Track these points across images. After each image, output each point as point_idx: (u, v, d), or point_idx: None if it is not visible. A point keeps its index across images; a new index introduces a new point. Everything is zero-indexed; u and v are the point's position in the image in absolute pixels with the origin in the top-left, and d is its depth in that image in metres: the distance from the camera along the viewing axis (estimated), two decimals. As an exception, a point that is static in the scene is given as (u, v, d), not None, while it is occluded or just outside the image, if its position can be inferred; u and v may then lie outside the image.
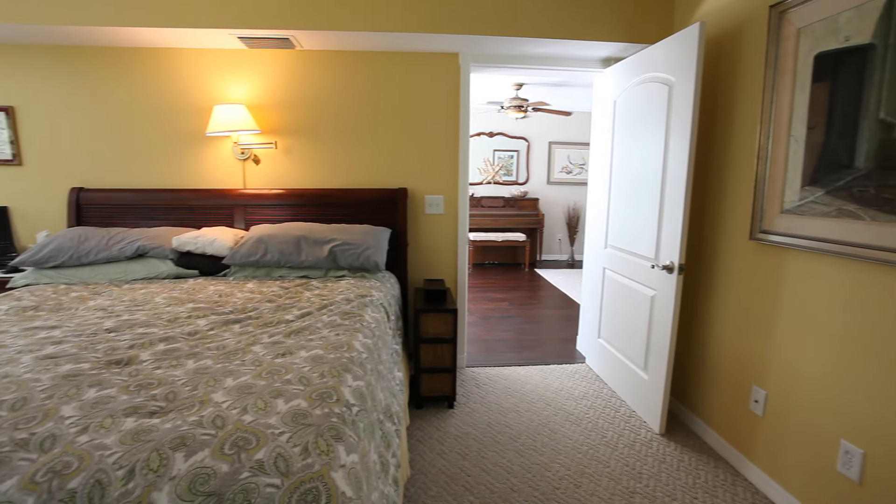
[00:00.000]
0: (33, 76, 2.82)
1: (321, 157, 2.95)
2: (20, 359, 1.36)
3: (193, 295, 2.09)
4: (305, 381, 1.24)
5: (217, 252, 2.45)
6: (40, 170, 2.90)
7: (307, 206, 2.87)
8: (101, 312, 1.85)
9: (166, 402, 1.14)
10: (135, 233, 2.54)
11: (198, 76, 2.85)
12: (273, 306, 1.91)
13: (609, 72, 2.88)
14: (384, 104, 2.92)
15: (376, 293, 2.16)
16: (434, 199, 3.00)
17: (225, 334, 1.59)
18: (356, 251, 2.45)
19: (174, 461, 0.93)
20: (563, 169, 7.24)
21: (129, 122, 2.87)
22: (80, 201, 2.83)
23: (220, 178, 2.94)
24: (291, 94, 2.89)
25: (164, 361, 1.36)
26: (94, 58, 2.81)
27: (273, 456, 0.96)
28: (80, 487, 0.88)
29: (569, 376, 3.05)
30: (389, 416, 1.56)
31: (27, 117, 2.86)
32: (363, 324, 1.73)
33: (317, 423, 1.06)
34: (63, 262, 2.41)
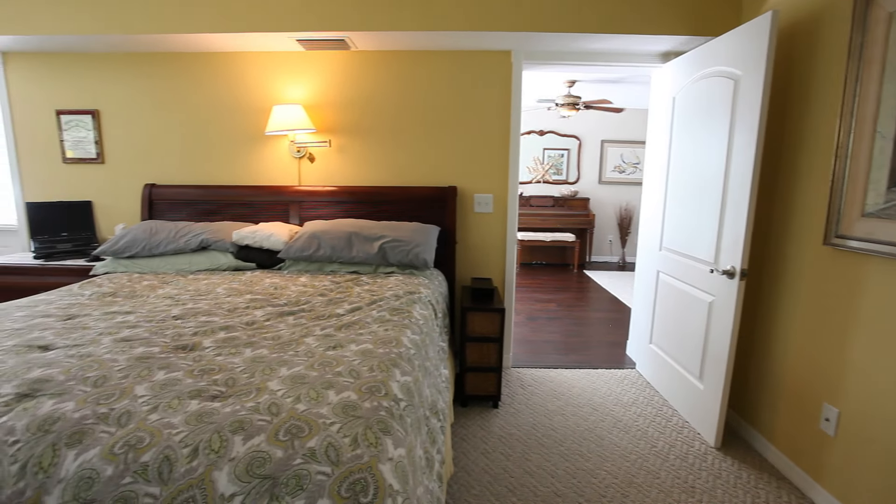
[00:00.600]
0: (115, 82, 3.05)
1: (373, 156, 3.01)
2: (101, 340, 1.48)
3: (251, 287, 2.20)
4: (355, 374, 1.27)
5: (273, 246, 2.56)
6: (119, 167, 3.15)
7: (359, 202, 2.95)
8: (169, 300, 1.98)
9: (226, 388, 1.20)
10: (199, 226, 2.70)
11: (258, 78, 2.98)
12: (325, 300, 1.97)
13: (668, 67, 2.76)
14: (435, 103, 2.94)
15: (424, 290, 2.19)
16: (483, 198, 2.99)
17: (280, 325, 1.66)
18: (405, 248, 2.48)
19: (233, 444, 0.98)
20: (616, 168, 7.01)
21: (196, 123, 3.05)
22: (153, 197, 3.04)
23: (276, 176, 3.06)
24: (345, 93, 2.97)
25: (224, 349, 1.44)
26: (167, 64, 3.01)
27: (324, 445, 0.99)
28: (151, 461, 0.94)
29: (617, 382, 2.96)
30: (435, 412, 1.57)
31: (109, 119, 3.10)
32: (411, 320, 1.75)
33: (366, 415, 1.09)
34: (136, 252, 2.59)
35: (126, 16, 2.59)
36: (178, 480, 0.92)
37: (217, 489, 0.91)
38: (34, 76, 3.11)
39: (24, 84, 3.12)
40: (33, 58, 3.08)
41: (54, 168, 3.20)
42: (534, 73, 4.72)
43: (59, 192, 3.22)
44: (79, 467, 0.94)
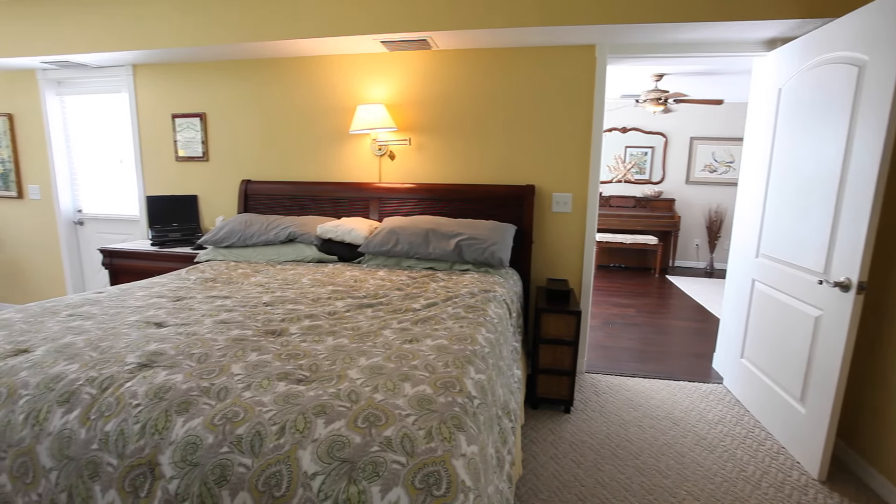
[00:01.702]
0: (220, 87, 3.35)
1: (452, 153, 3.04)
2: (203, 321, 1.63)
3: (333, 278, 2.31)
4: (431, 368, 1.29)
5: (354, 240, 2.67)
6: (221, 165, 3.45)
7: (436, 200, 2.99)
8: (260, 288, 2.14)
9: (310, 373, 1.27)
10: (287, 220, 2.89)
11: (344, 80, 3.13)
12: (402, 294, 2.03)
13: (774, 55, 2.51)
14: (514, 100, 2.90)
15: (499, 289, 2.18)
16: (562, 197, 2.92)
17: (359, 317, 1.73)
18: (481, 246, 2.48)
19: (316, 426, 1.04)
20: (707, 167, 6.52)
21: (288, 124, 3.27)
22: (248, 191, 3.30)
23: (358, 173, 3.20)
24: (425, 92, 3.02)
25: (308, 336, 1.53)
26: (263, 69, 3.25)
27: (400, 435, 1.02)
28: (244, 435, 1.02)
29: (702, 396, 2.76)
30: (507, 412, 1.56)
31: (214, 121, 3.41)
32: (486, 318, 1.75)
33: (440, 410, 1.10)
34: (233, 243, 2.83)
35: (232, 27, 2.83)
36: (268, 454, 0.99)
37: (301, 466, 0.97)
38: (155, 85, 3.49)
39: (147, 92, 3.52)
40: (155, 69, 3.47)
41: (168, 165, 3.58)
42: (618, 68, 4.52)
43: (171, 187, 3.60)
44: (185, 433, 1.04)
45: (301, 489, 0.95)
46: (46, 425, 1.12)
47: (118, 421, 1.09)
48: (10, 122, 3.93)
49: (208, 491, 0.98)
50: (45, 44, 3.23)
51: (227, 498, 0.98)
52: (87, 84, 3.74)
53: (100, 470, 1.06)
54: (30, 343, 1.44)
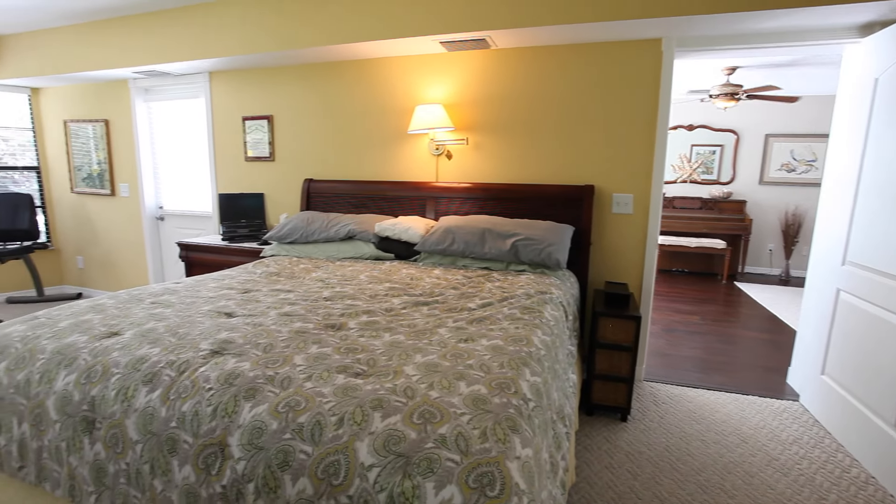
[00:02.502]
0: (285, 90, 3.52)
1: (509, 153, 3.02)
2: (268, 313, 1.72)
3: (389, 276, 2.36)
4: (486, 368, 1.28)
5: (410, 239, 2.72)
6: (285, 164, 3.62)
7: (493, 199, 2.98)
8: (320, 283, 2.22)
9: (367, 367, 1.30)
10: (347, 218, 2.98)
11: (402, 81, 3.18)
12: (457, 293, 2.04)
13: (870, 41, 2.29)
14: (574, 98, 2.83)
15: (556, 291, 2.13)
16: (623, 198, 2.81)
17: (415, 314, 1.75)
18: (538, 247, 2.45)
19: (373, 419, 1.06)
20: (784, 166, 6.06)
21: (349, 124, 3.37)
22: (310, 190, 3.44)
23: (416, 172, 3.24)
24: (483, 92, 3.02)
25: (366, 331, 1.57)
26: (326, 73, 3.37)
27: (455, 433, 1.02)
28: (306, 423, 1.07)
29: (774, 414, 2.56)
30: (562, 417, 1.53)
31: (280, 123, 3.59)
32: (542, 320, 1.72)
33: (495, 410, 1.10)
34: (295, 239, 2.96)
35: (299, 34, 2.96)
36: (327, 444, 1.03)
37: (358, 458, 1.00)
38: (228, 90, 3.72)
39: (221, 97, 3.76)
40: (228, 75, 3.70)
41: (238, 165, 3.80)
42: (686, 62, 4.30)
43: (241, 185, 3.82)
44: (252, 418, 1.10)
45: (358, 479, 0.98)
46: (133, 402, 1.22)
47: (193, 402, 1.17)
48: (107, 127, 4.34)
49: (272, 474, 1.03)
50: (137, 55, 3.53)
51: (288, 482, 1.02)
52: (170, 91, 4.05)
53: (177, 446, 1.14)
54: (119, 327, 1.57)
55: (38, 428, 1.32)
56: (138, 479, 1.18)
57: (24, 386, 1.36)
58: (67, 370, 1.35)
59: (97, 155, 4.45)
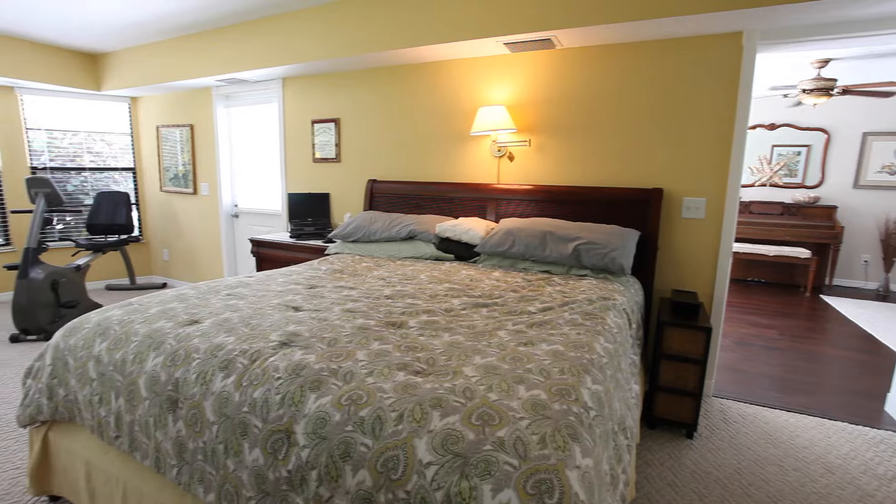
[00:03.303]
0: (352, 94, 3.64)
1: (572, 155, 2.95)
2: (332, 308, 1.79)
3: (449, 276, 2.38)
4: (545, 373, 1.26)
5: (470, 240, 2.72)
6: (350, 165, 3.75)
7: (555, 202, 2.92)
8: (382, 282, 2.28)
9: (427, 366, 1.32)
10: (408, 218, 3.04)
11: (465, 83, 3.20)
12: (517, 296, 2.02)
13: None
14: (642, 98, 2.72)
15: (619, 297, 2.06)
16: (694, 202, 2.66)
17: (474, 316, 1.76)
18: (601, 251, 2.37)
19: (432, 417, 1.07)
20: (885, 168, 5.47)
21: (411, 126, 3.44)
22: (373, 190, 3.54)
23: (477, 174, 3.25)
24: (546, 92, 2.97)
25: (425, 330, 1.59)
26: (390, 76, 3.46)
27: (513, 437, 1.01)
28: (367, 417, 1.10)
29: (868, 444, 2.32)
30: (623, 428, 1.47)
31: (346, 126, 3.72)
32: (604, 327, 1.66)
33: (555, 417, 1.07)
34: (358, 238, 3.06)
35: (366, 40, 3.06)
36: (387, 439, 1.05)
37: (416, 455, 1.01)
38: (299, 94, 3.92)
39: (293, 101, 3.96)
40: (300, 80, 3.89)
41: (306, 166, 3.99)
42: (769, 56, 4.00)
43: (308, 186, 4.00)
44: (317, 408, 1.15)
45: (416, 476, 1.00)
46: (211, 386, 1.32)
47: (263, 390, 1.24)
48: (192, 132, 4.71)
49: (333, 463, 1.07)
50: (220, 65, 3.80)
51: (349, 472, 1.06)
52: (247, 97, 4.32)
53: (248, 430, 1.21)
54: (200, 315, 1.70)
55: (131, 403, 1.45)
56: (213, 457, 1.27)
57: (120, 364, 1.51)
58: (156, 353, 1.48)
59: (183, 157, 4.84)
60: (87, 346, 1.62)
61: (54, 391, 1.68)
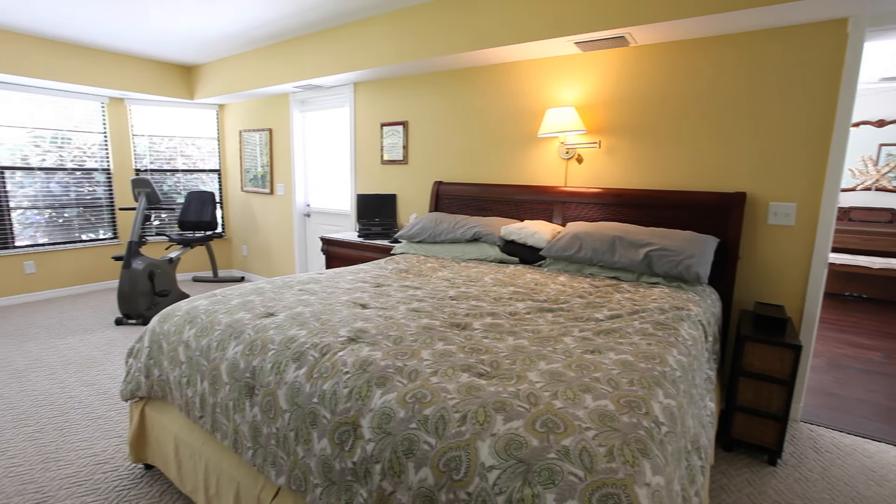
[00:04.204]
0: (419, 97, 3.71)
1: (645, 157, 2.82)
2: (398, 307, 1.83)
3: (514, 280, 2.36)
4: (614, 383, 1.21)
5: (536, 243, 2.68)
6: (417, 167, 3.82)
7: (625, 206, 2.81)
8: (447, 283, 2.30)
9: (491, 369, 1.31)
10: (473, 220, 3.04)
11: (533, 84, 3.15)
12: (583, 302, 1.96)
13: None
14: (724, 95, 2.54)
15: (694, 308, 1.93)
16: (782, 208, 2.45)
17: (539, 320, 1.72)
18: (675, 258, 2.24)
19: (495, 421, 1.07)
20: None
21: (477, 128, 3.44)
22: (439, 192, 3.59)
23: (544, 176, 3.19)
24: (618, 92, 2.85)
25: (490, 333, 1.58)
26: (457, 79, 3.48)
27: (579, 447, 0.98)
28: (431, 416, 1.11)
29: None
30: (697, 448, 1.38)
31: (413, 128, 3.80)
32: (678, 338, 1.57)
33: (623, 430, 1.03)
34: (424, 238, 3.11)
35: (435, 43, 3.11)
36: (450, 439, 1.06)
37: (479, 457, 1.01)
38: (369, 98, 4.05)
39: (363, 105, 4.10)
40: (370, 85, 4.02)
41: (375, 167, 4.12)
42: (879, 44, 3.60)
43: (376, 187, 4.13)
44: (382, 404, 1.18)
45: (477, 478, 0.99)
46: (284, 375, 1.39)
47: (332, 383, 1.30)
48: (270, 135, 5.02)
49: (397, 459, 1.10)
50: (297, 72, 4.02)
51: (412, 469, 1.07)
52: (321, 102, 4.54)
53: (317, 420, 1.27)
54: (275, 308, 1.80)
55: (214, 386, 1.57)
56: (285, 443, 1.34)
57: (205, 350, 1.64)
58: (236, 341, 1.59)
59: (261, 159, 5.17)
60: (178, 331, 1.78)
61: (150, 371, 1.85)
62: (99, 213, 5.06)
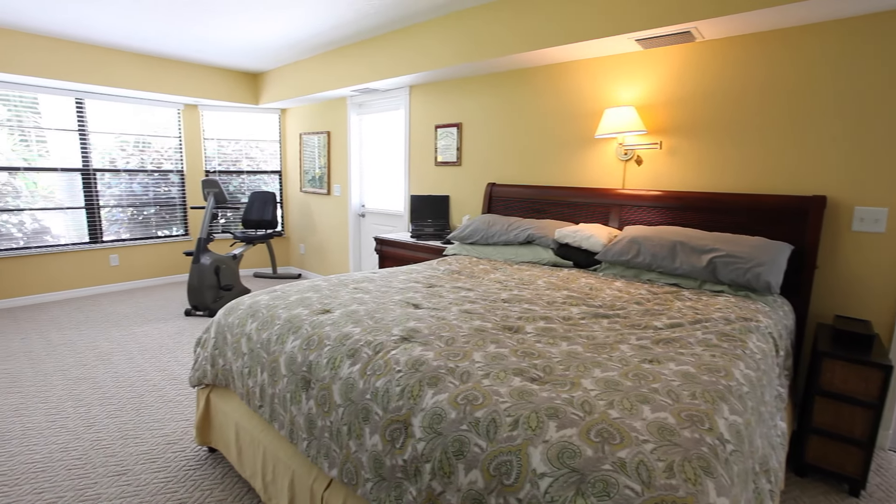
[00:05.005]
0: (474, 99, 3.71)
1: (709, 158, 2.67)
2: (450, 308, 1.83)
3: (567, 284, 2.30)
4: (674, 395, 1.15)
5: (591, 247, 2.60)
6: (470, 169, 3.83)
7: (687, 210, 2.67)
8: (499, 285, 2.28)
9: (543, 374, 1.29)
10: (527, 222, 3.00)
11: (590, 84, 3.07)
12: (641, 309, 1.88)
13: None
14: (802, 90, 2.35)
15: (764, 319, 1.81)
16: (870, 213, 2.24)
17: (594, 326, 1.67)
18: (743, 266, 2.11)
19: (548, 427, 1.05)
20: None
21: (532, 130, 3.40)
22: (492, 194, 3.57)
23: (600, 178, 3.10)
24: (681, 90, 2.72)
25: (543, 337, 1.55)
26: (512, 80, 3.45)
27: (636, 460, 0.94)
28: (482, 418, 1.10)
29: None
30: (766, 470, 1.28)
31: (467, 130, 3.80)
32: (745, 351, 1.48)
33: (685, 445, 0.98)
34: (476, 240, 3.10)
35: (490, 44, 3.10)
36: (501, 442, 1.05)
37: (531, 463, 0.99)
38: (424, 101, 4.10)
39: (419, 107, 4.16)
40: (425, 87, 4.07)
41: (428, 169, 4.16)
42: None
43: (429, 188, 4.17)
44: (433, 404, 1.19)
45: (528, 485, 0.98)
46: (339, 371, 1.43)
47: (385, 380, 1.32)
48: (328, 138, 5.20)
49: (447, 459, 1.10)
50: (355, 76, 4.14)
51: (462, 470, 1.07)
52: (377, 104, 4.64)
53: (370, 416, 1.29)
54: (331, 305, 1.86)
55: (272, 378, 1.64)
56: (338, 437, 1.38)
57: (266, 343, 1.72)
58: (294, 336, 1.65)
59: (319, 161, 5.36)
60: (241, 324, 1.87)
61: (216, 360, 1.96)
62: (172, 211, 5.45)
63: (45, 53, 4.11)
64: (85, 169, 4.79)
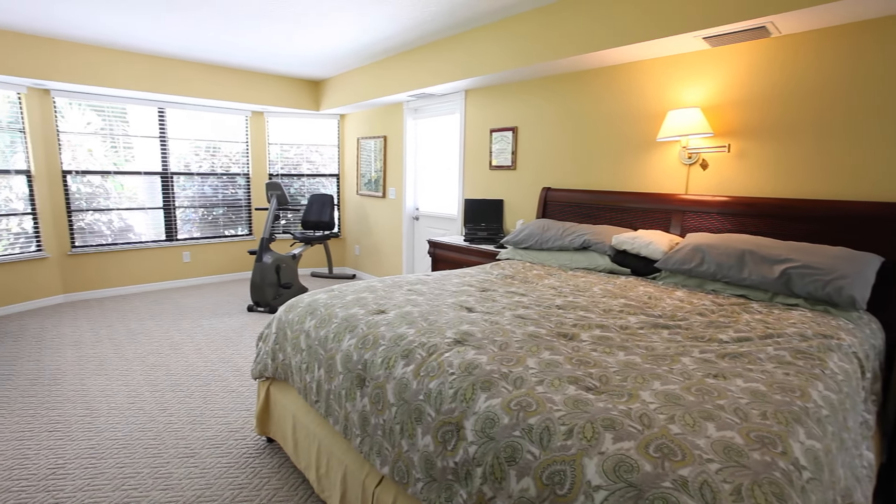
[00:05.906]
0: (529, 103, 3.68)
1: (784, 161, 2.49)
2: (504, 313, 1.82)
3: (625, 292, 2.23)
4: (742, 414, 1.09)
5: (651, 255, 2.50)
6: (525, 173, 3.79)
7: (757, 217, 2.50)
8: (553, 291, 2.24)
9: (600, 383, 1.25)
10: (583, 228, 2.93)
11: (652, 85, 2.95)
12: (704, 321, 1.78)
13: None
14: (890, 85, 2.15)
15: (847, 337, 1.66)
16: (975, 223, 2.00)
17: (653, 337, 1.61)
18: (822, 278, 1.95)
19: (604, 439, 1.02)
20: None
21: (589, 133, 3.32)
22: (547, 198, 3.52)
23: (661, 183, 2.97)
24: (752, 90, 2.56)
25: (599, 346, 1.51)
26: (569, 83, 3.39)
27: (699, 480, 0.89)
28: (535, 425, 1.09)
29: None
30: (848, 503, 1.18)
31: (523, 134, 3.77)
32: (824, 371, 1.36)
33: (754, 468, 0.92)
34: (530, 245, 3.07)
35: (548, 47, 3.06)
36: (554, 451, 1.03)
37: (585, 475, 0.97)
38: (479, 105, 4.11)
39: (474, 112, 4.18)
40: (480, 92, 4.08)
41: (483, 173, 4.16)
42: None
43: (483, 192, 4.17)
44: (486, 408, 1.19)
45: (582, 496, 0.95)
46: (393, 371, 1.46)
47: (438, 382, 1.33)
48: (385, 142, 5.33)
49: (499, 465, 1.09)
50: (412, 81, 4.22)
51: (513, 477, 1.06)
52: (433, 109, 4.71)
53: (422, 417, 1.31)
54: (386, 306, 1.90)
55: (329, 374, 1.70)
56: (391, 435, 1.40)
57: (323, 341, 1.78)
58: (350, 335, 1.70)
59: (376, 164, 5.50)
60: (301, 321, 1.96)
61: (276, 355, 2.06)
62: (239, 212, 5.78)
63: (134, 68, 4.50)
64: (164, 172, 5.19)
